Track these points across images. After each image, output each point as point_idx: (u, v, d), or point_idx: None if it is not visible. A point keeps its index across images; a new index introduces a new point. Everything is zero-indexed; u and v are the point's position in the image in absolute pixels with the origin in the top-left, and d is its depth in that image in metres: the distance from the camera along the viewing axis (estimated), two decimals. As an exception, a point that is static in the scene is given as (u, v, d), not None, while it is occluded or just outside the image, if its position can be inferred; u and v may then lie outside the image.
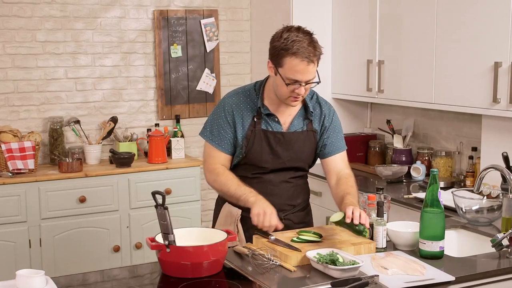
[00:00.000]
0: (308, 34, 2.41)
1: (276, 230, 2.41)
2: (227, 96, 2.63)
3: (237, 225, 2.59)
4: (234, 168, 2.64)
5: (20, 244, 3.83)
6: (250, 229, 2.51)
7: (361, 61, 4.02)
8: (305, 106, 2.61)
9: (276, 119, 2.56)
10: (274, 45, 2.42)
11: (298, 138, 2.58)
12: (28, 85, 4.23)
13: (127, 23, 4.45)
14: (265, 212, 2.38)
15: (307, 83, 2.41)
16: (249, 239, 2.51)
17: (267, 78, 2.60)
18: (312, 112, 2.60)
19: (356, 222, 2.30)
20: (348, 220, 2.31)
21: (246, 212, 2.54)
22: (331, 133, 2.64)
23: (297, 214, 2.68)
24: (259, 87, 2.60)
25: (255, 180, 2.59)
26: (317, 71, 2.44)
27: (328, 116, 2.64)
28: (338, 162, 2.64)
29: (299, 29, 2.42)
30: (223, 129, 2.57)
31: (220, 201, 2.72)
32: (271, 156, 2.57)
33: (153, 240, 2.18)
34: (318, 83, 2.45)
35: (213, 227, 2.71)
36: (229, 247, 2.28)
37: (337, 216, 2.36)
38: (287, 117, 2.59)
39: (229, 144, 2.58)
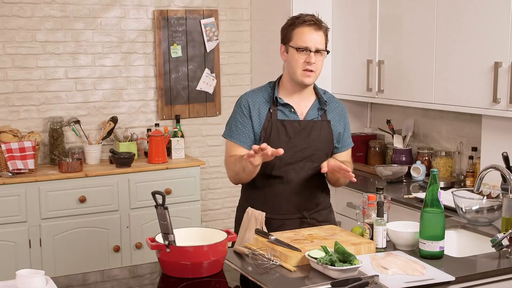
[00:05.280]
0: (313, 15, 2.65)
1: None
2: (243, 94, 2.73)
3: (262, 228, 2.62)
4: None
5: (20, 244, 3.83)
6: (276, 230, 2.54)
7: (361, 61, 4.01)
8: (318, 98, 2.69)
9: (293, 110, 2.63)
10: (282, 28, 2.65)
11: (314, 126, 2.64)
12: (28, 85, 4.23)
13: (127, 23, 4.45)
14: (251, 154, 2.38)
15: (317, 51, 2.55)
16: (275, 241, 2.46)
17: (280, 76, 2.71)
18: (326, 101, 2.69)
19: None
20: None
21: (270, 214, 2.61)
22: (345, 131, 2.74)
23: (321, 213, 2.71)
24: (273, 83, 2.71)
25: (277, 180, 2.62)
26: (326, 50, 2.59)
27: (342, 110, 2.76)
28: (343, 156, 2.75)
29: (302, 13, 2.68)
30: (241, 123, 2.64)
31: (242, 207, 2.74)
32: (288, 145, 2.58)
33: (153, 240, 2.18)
34: (328, 52, 2.62)
35: (235, 231, 2.71)
36: (229, 247, 2.28)
37: (317, 253, 2.18)
38: (304, 108, 2.66)
39: (248, 138, 2.63)
